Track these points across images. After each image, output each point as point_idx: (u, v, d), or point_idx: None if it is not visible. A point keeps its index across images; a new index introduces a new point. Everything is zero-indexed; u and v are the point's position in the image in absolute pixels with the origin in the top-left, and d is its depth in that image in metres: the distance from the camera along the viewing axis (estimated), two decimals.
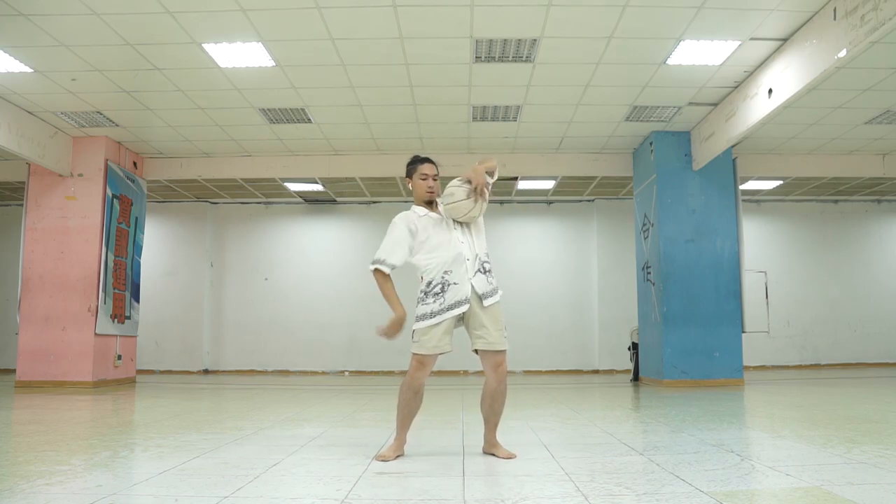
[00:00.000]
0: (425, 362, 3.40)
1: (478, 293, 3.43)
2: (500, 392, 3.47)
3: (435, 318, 3.37)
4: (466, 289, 3.41)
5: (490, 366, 3.44)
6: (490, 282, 3.49)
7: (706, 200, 9.08)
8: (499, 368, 3.43)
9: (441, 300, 3.39)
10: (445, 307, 3.38)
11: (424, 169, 3.57)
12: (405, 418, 3.50)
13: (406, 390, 3.45)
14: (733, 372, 8.82)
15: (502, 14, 5.95)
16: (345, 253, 13.02)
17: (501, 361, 3.43)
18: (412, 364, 3.41)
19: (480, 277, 3.46)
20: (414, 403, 3.48)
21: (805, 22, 6.05)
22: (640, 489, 2.73)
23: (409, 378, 3.43)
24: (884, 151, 9.97)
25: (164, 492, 2.71)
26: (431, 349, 3.36)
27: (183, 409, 6.22)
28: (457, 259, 3.44)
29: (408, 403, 3.47)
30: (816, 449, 3.60)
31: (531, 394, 7.71)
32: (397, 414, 3.52)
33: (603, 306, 12.64)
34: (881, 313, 12.94)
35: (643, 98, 7.98)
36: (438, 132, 9.13)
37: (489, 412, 3.53)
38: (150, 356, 12.47)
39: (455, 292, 3.40)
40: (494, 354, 3.42)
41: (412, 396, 3.45)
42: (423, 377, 3.43)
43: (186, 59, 6.79)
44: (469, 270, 3.44)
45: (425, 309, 3.41)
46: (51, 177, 9.23)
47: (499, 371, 3.43)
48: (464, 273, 3.43)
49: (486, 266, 3.50)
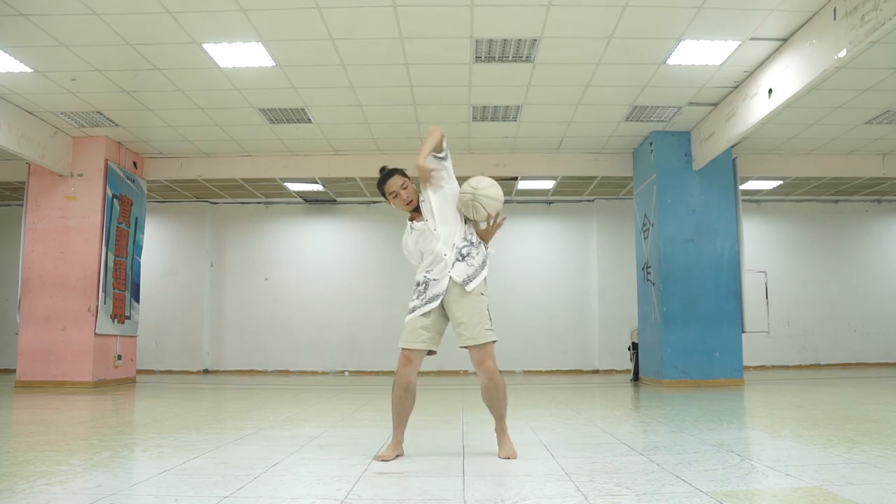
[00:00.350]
0: (410, 357, 3.43)
1: (457, 282, 3.44)
2: (493, 387, 3.46)
3: (415, 311, 3.46)
4: (444, 283, 3.45)
5: (475, 362, 3.44)
6: (470, 264, 3.48)
7: (706, 200, 9.08)
8: (483, 365, 3.41)
9: (423, 296, 3.47)
10: (423, 301, 3.46)
11: (390, 188, 3.55)
12: (399, 416, 3.53)
13: (396, 388, 3.49)
14: (733, 372, 8.82)
15: (502, 14, 5.95)
16: (345, 253, 13.02)
17: (485, 358, 3.40)
18: (399, 360, 3.47)
19: (459, 266, 3.47)
20: (406, 401, 3.50)
21: (805, 22, 6.06)
22: (640, 489, 2.73)
23: (397, 375, 3.48)
24: (884, 151, 9.97)
25: (164, 492, 2.71)
26: (409, 342, 3.42)
27: (183, 409, 6.22)
28: (436, 258, 3.48)
29: (400, 401, 3.50)
30: (816, 449, 3.60)
31: (531, 394, 7.71)
32: (392, 413, 3.55)
33: (603, 306, 12.64)
34: (881, 313, 12.94)
35: (643, 98, 7.98)
36: None
37: (488, 408, 3.55)
38: (150, 356, 12.47)
39: (433, 287, 3.47)
40: (477, 350, 3.41)
41: (403, 394, 3.49)
42: (410, 373, 3.45)
43: (186, 59, 6.79)
44: (448, 265, 3.46)
45: (409, 305, 3.52)
46: (51, 177, 9.23)
47: (483, 367, 3.41)
48: (443, 269, 3.47)
49: (463, 252, 3.50)
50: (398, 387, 3.48)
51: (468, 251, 3.51)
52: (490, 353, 3.42)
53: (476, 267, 3.49)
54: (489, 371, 3.42)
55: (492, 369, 3.43)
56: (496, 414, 3.54)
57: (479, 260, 3.52)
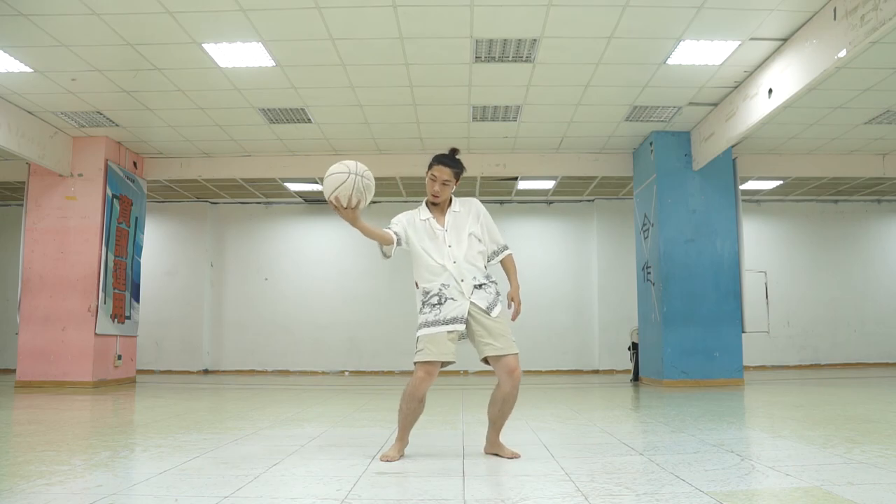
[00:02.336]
0: (431, 371, 3.35)
1: (481, 307, 3.42)
2: (513, 396, 3.43)
3: (435, 327, 3.37)
4: (464, 307, 3.40)
5: (505, 371, 3.37)
6: (488, 292, 3.47)
7: (706, 200, 9.08)
8: (514, 373, 3.37)
9: (438, 312, 3.39)
10: (442, 320, 3.38)
11: (434, 171, 3.49)
12: (408, 425, 3.48)
13: (410, 399, 3.39)
14: (733, 372, 8.82)
15: (502, 14, 5.95)
16: (345, 253, 13.01)
17: (516, 366, 3.38)
18: (417, 374, 3.35)
19: (479, 293, 3.44)
20: (418, 412, 3.46)
21: (805, 22, 6.05)
22: (640, 489, 2.73)
23: (413, 388, 3.36)
24: (884, 151, 9.97)
25: (164, 492, 2.71)
26: (437, 356, 3.33)
27: (183, 409, 6.22)
28: (450, 276, 3.43)
29: (413, 412, 3.44)
30: (816, 449, 3.60)
31: (531, 394, 7.71)
32: (399, 419, 3.49)
33: (603, 306, 12.64)
34: (881, 313, 12.94)
35: (643, 98, 7.98)
36: (438, 132, 9.13)
37: (498, 415, 3.49)
38: (150, 356, 12.47)
39: (452, 308, 3.40)
40: (508, 359, 3.37)
41: (417, 405, 3.42)
42: (428, 387, 3.38)
43: (186, 59, 6.79)
44: (465, 291, 3.42)
45: (424, 318, 3.41)
46: (51, 177, 9.23)
47: (514, 376, 3.37)
48: (459, 292, 3.42)
49: (482, 283, 3.48)
50: (413, 399, 3.39)
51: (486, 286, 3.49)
52: (518, 361, 3.40)
53: (494, 295, 3.49)
54: (519, 379, 3.39)
55: (520, 377, 3.41)
56: (502, 422, 3.51)
57: (496, 293, 3.52)
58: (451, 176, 3.47)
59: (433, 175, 3.48)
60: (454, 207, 3.56)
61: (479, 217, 3.58)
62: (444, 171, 3.47)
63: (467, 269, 3.46)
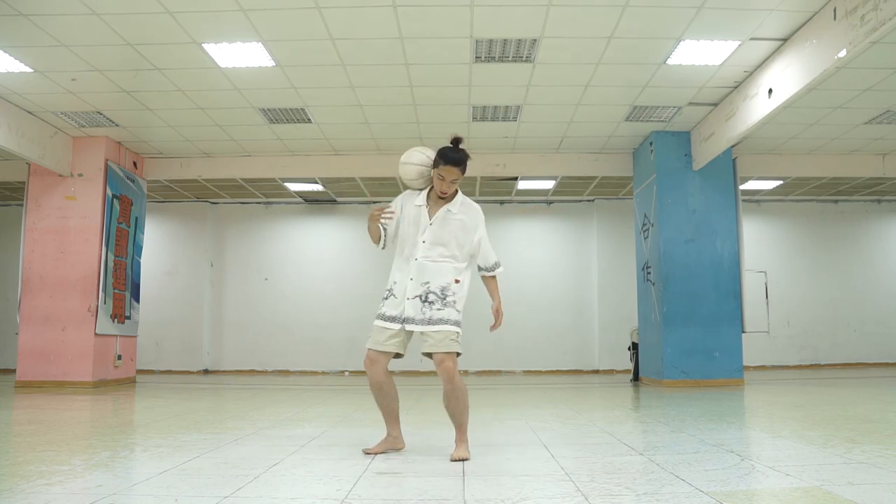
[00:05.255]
0: (373, 358, 3.47)
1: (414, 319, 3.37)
2: (450, 392, 3.38)
3: (378, 320, 3.49)
4: (401, 310, 3.42)
5: (435, 364, 3.38)
6: (435, 309, 3.36)
7: (706, 200, 9.08)
8: (441, 365, 3.33)
9: (382, 305, 3.49)
10: (382, 315, 3.47)
11: (441, 171, 3.45)
12: (385, 413, 3.59)
13: (371, 388, 3.55)
14: (733, 372, 8.82)
15: (502, 14, 5.95)
16: (345, 253, 13.02)
17: (443, 359, 3.33)
18: (363, 360, 3.51)
19: (419, 306, 3.37)
20: (383, 398, 3.53)
21: (805, 22, 6.05)
22: (640, 489, 2.73)
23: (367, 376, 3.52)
24: (884, 151, 9.97)
25: (164, 492, 2.71)
26: (373, 344, 3.46)
27: (183, 409, 6.22)
28: (409, 272, 3.42)
29: (377, 401, 3.57)
30: (816, 449, 3.60)
31: (531, 394, 7.71)
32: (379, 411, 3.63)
33: (603, 306, 12.64)
34: (881, 313, 12.94)
35: (643, 98, 7.98)
36: (438, 132, 9.12)
37: (449, 415, 3.49)
38: (150, 356, 12.47)
39: (392, 306, 3.45)
40: (437, 355, 3.36)
41: (377, 393, 3.53)
42: (377, 373, 3.47)
43: (186, 59, 6.79)
44: (409, 290, 3.40)
45: (378, 308, 3.53)
46: (51, 177, 9.23)
47: (441, 368, 3.34)
48: (402, 290, 3.42)
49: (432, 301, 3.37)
50: (371, 387, 3.54)
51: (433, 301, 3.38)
52: (453, 356, 3.35)
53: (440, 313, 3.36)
54: (448, 372, 3.33)
55: (451, 371, 3.34)
56: (455, 422, 3.46)
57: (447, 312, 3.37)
58: (459, 174, 3.48)
59: (441, 175, 3.47)
60: (453, 208, 3.53)
61: (476, 229, 3.54)
62: (453, 171, 3.46)
63: (428, 271, 3.41)
